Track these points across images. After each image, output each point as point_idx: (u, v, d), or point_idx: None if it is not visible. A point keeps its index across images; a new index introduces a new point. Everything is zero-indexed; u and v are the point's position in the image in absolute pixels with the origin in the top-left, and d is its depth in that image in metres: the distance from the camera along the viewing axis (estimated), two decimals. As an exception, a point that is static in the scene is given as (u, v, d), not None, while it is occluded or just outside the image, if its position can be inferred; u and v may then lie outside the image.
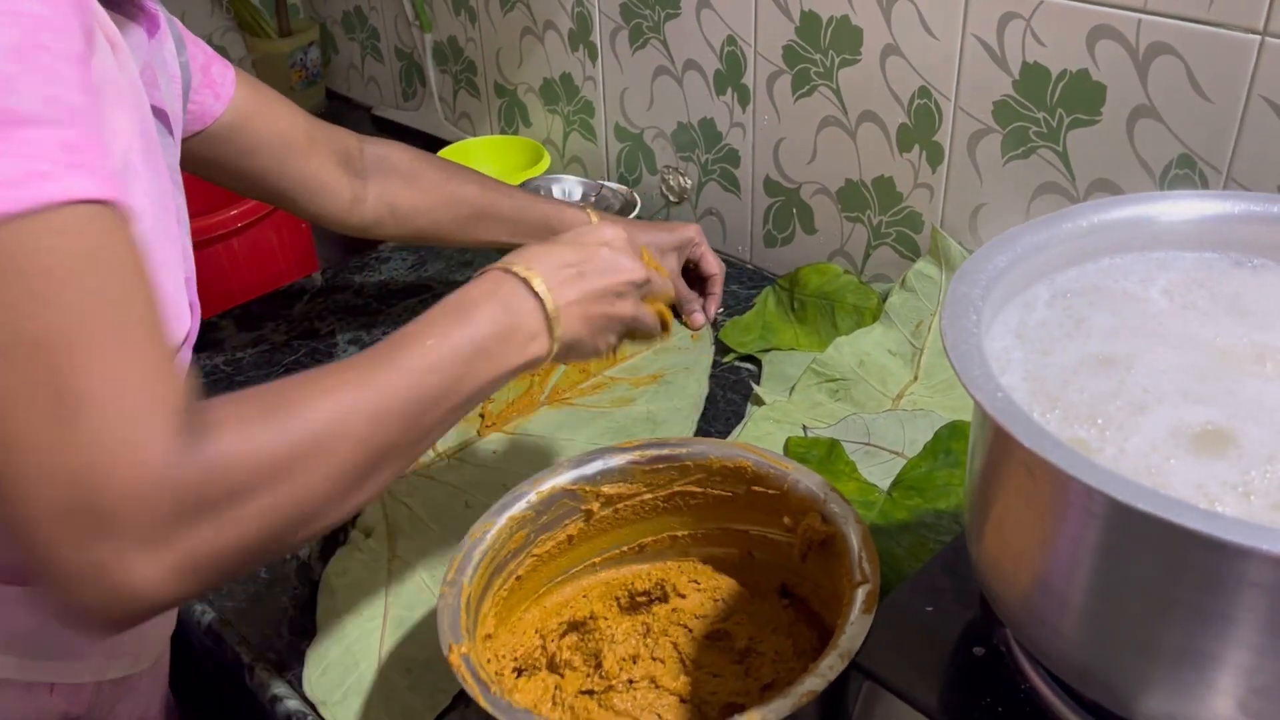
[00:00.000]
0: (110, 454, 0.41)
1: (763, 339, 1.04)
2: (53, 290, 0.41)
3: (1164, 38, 0.79)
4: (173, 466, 0.42)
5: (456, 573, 0.65)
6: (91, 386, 0.41)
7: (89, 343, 0.41)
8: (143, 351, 0.43)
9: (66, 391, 0.41)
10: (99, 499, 0.41)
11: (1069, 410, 0.49)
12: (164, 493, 0.42)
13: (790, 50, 1.04)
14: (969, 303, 0.51)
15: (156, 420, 0.42)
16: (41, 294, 0.41)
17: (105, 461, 0.41)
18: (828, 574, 0.69)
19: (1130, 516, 0.42)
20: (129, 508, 0.41)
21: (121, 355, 0.42)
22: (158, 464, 0.42)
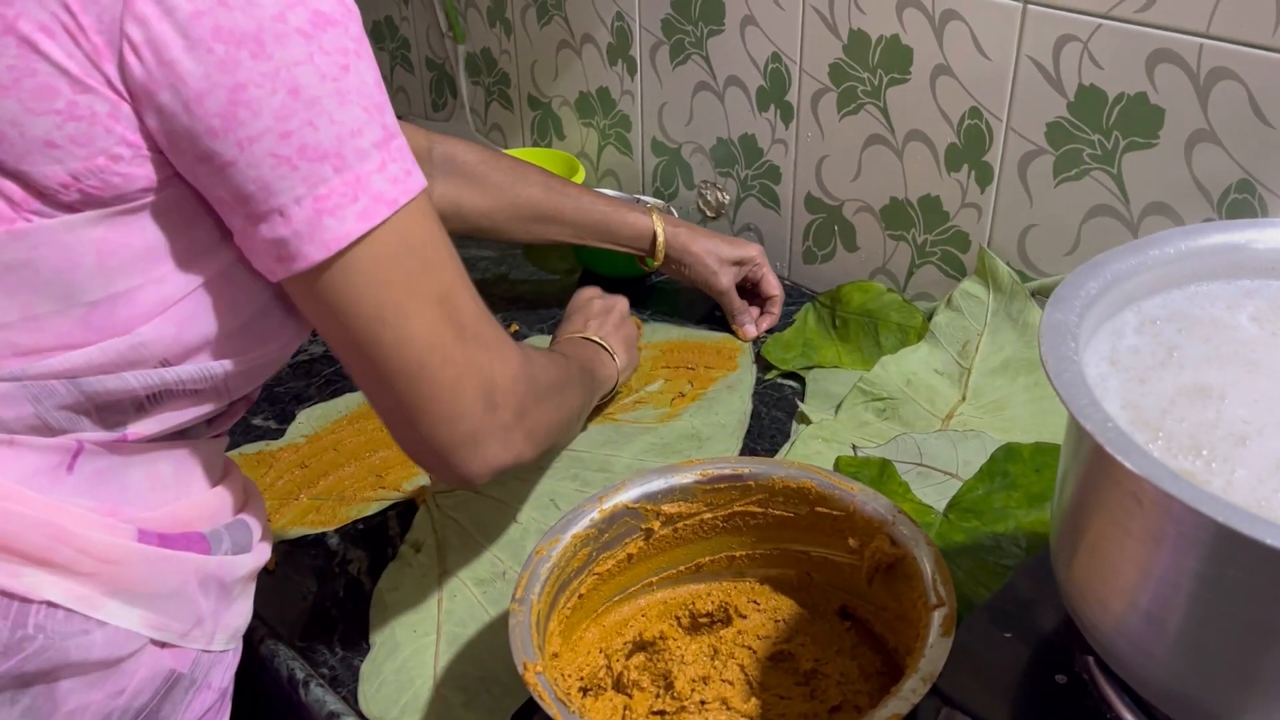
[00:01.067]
0: (496, 355, 0.61)
1: (804, 356, 1.04)
2: (437, 253, 0.57)
3: (1226, 62, 0.80)
4: (524, 364, 0.64)
5: (525, 590, 0.65)
6: (474, 316, 0.60)
7: (463, 287, 0.60)
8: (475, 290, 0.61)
9: (465, 324, 0.59)
10: (495, 387, 0.61)
11: (1171, 440, 0.49)
12: (522, 384, 0.63)
13: (837, 68, 1.04)
14: (1066, 329, 0.51)
15: (507, 337, 0.64)
16: (434, 258, 0.57)
17: (496, 360, 0.61)
18: (895, 596, 0.68)
19: (1241, 545, 0.42)
20: (509, 391, 0.62)
21: (474, 291, 0.61)
22: (518, 363, 0.63)
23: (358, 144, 0.53)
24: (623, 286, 1.17)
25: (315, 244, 0.53)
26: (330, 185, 0.52)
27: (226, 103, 0.50)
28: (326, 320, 0.57)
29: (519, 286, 1.19)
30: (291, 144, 0.51)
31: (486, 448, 0.61)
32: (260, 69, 0.50)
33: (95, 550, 0.55)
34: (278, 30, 0.50)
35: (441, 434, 0.60)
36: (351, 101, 0.53)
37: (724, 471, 0.73)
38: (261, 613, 0.79)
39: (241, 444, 0.96)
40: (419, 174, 0.56)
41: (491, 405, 0.61)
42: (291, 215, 0.53)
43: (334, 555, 0.85)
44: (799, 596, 0.75)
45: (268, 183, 0.52)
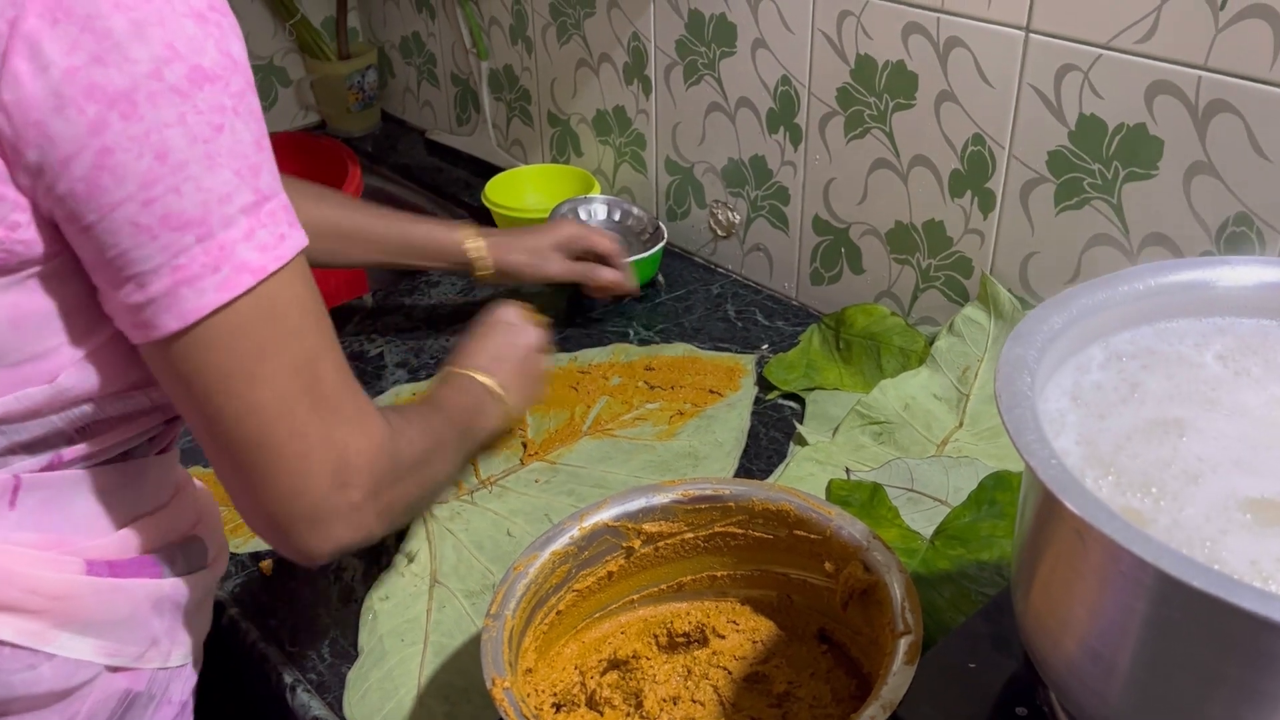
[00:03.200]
0: (354, 430, 0.58)
1: (807, 377, 1.04)
2: (303, 319, 0.55)
3: (1224, 95, 0.79)
4: (386, 440, 0.60)
5: (500, 605, 0.66)
6: (335, 387, 0.57)
7: (329, 354, 0.57)
8: (342, 355, 0.59)
9: (324, 395, 0.56)
10: (348, 465, 0.57)
11: (1122, 477, 0.49)
12: (381, 462, 0.60)
13: (844, 92, 1.05)
14: (1023, 364, 0.51)
15: (372, 408, 0.61)
16: (297, 325, 0.55)
17: (353, 435, 0.58)
18: (868, 622, 0.69)
19: (1182, 591, 0.42)
20: (364, 470, 0.58)
21: (342, 359, 0.58)
22: (379, 438, 0.60)
23: (225, 211, 0.51)
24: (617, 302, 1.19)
25: (171, 314, 0.51)
26: (191, 255, 0.50)
27: (92, 167, 0.48)
28: (175, 385, 0.54)
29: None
30: (154, 212, 0.49)
31: (329, 527, 0.57)
32: (129, 131, 0.48)
33: (44, 588, 0.56)
34: (151, 89, 0.48)
35: (281, 509, 0.56)
36: (222, 165, 0.50)
37: (705, 492, 0.74)
38: (255, 617, 0.81)
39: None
40: (296, 236, 0.54)
41: (341, 483, 0.57)
42: (148, 285, 0.51)
43: (329, 564, 0.86)
44: (779, 618, 0.76)
45: (125, 251, 0.50)
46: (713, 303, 1.19)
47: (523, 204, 1.33)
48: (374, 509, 0.60)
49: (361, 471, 0.58)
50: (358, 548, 0.62)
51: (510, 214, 1.28)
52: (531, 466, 0.96)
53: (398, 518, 0.64)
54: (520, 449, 0.98)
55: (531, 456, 0.97)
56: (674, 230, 1.30)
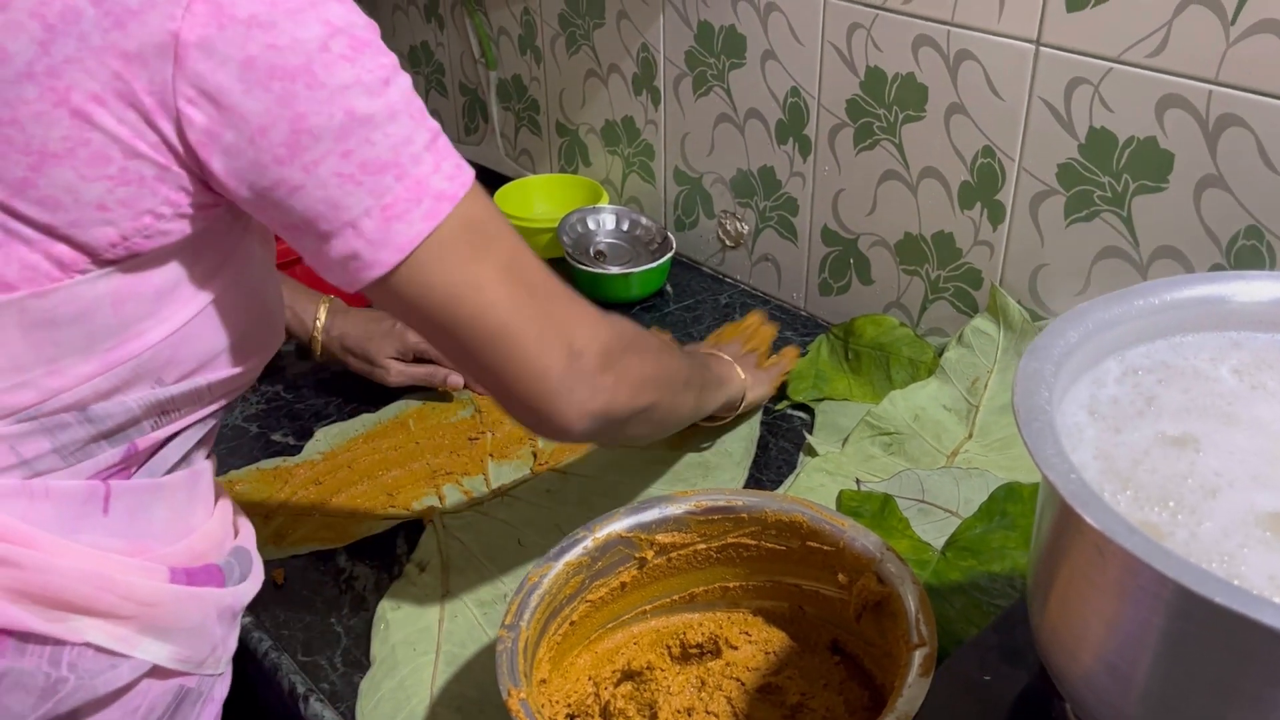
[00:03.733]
0: (572, 312, 0.65)
1: (816, 387, 1.04)
2: (497, 227, 0.61)
3: (1235, 109, 0.80)
4: (602, 321, 0.67)
5: (515, 616, 0.66)
6: (542, 277, 0.63)
7: (526, 253, 0.63)
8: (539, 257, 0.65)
9: (535, 284, 0.63)
10: (575, 336, 0.64)
11: (1140, 491, 0.49)
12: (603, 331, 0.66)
13: (854, 104, 1.05)
14: (1041, 379, 0.51)
15: (580, 297, 0.67)
16: (494, 233, 0.61)
17: (571, 317, 0.65)
18: (881, 634, 0.69)
19: (1201, 605, 0.42)
20: (591, 338, 0.65)
21: (537, 258, 0.64)
22: (597, 315, 0.67)
23: (411, 150, 0.56)
24: (626, 312, 1.19)
25: (389, 249, 0.56)
26: (394, 193, 0.56)
27: (289, 132, 0.53)
28: (408, 311, 0.60)
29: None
30: (353, 161, 0.55)
31: (576, 394, 0.64)
32: (316, 97, 0.53)
33: (136, 594, 0.59)
34: (324, 60, 0.53)
35: (534, 390, 0.63)
36: (400, 112, 0.56)
37: (717, 503, 0.74)
38: (268, 626, 0.82)
39: (260, 459, 0.99)
40: (466, 165, 0.60)
41: (574, 354, 0.64)
42: (363, 227, 0.56)
43: (341, 572, 0.87)
44: (791, 629, 0.76)
45: (336, 200, 0.55)
46: (721, 313, 1.20)
47: (531, 214, 1.34)
48: (611, 375, 0.66)
49: (590, 340, 0.65)
50: (610, 417, 0.68)
51: (520, 223, 1.28)
52: (542, 476, 0.96)
53: (637, 388, 0.69)
54: (531, 458, 0.98)
55: (542, 466, 0.97)
56: (682, 240, 1.30)
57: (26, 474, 0.58)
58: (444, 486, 0.95)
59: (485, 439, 1.01)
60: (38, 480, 0.58)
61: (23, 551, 0.56)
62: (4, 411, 0.56)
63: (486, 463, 0.98)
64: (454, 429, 1.02)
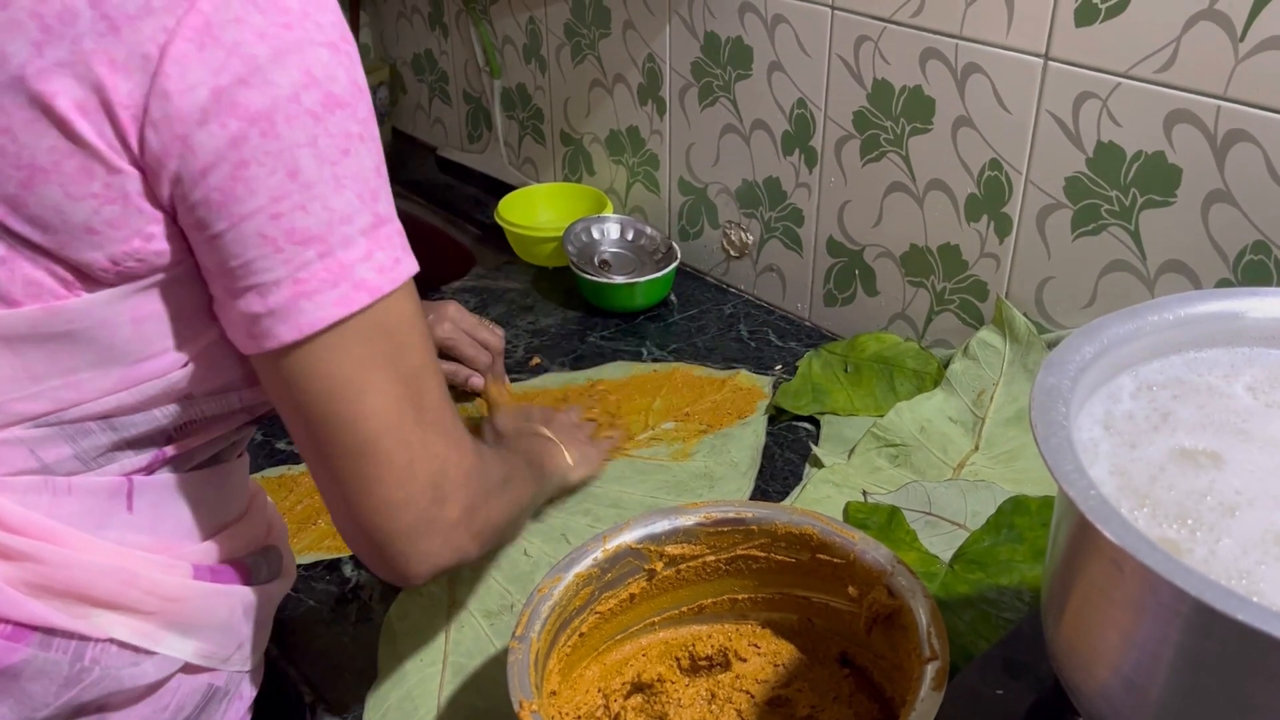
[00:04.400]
0: (453, 446, 0.60)
1: (816, 401, 1.04)
2: (411, 336, 0.57)
3: (1243, 125, 0.80)
4: (476, 466, 0.63)
5: (525, 628, 0.66)
6: (436, 402, 0.59)
7: (431, 372, 0.59)
8: (443, 378, 0.61)
9: (427, 408, 0.58)
10: (446, 478, 0.59)
11: (1157, 508, 0.49)
12: (474, 479, 0.62)
13: (861, 116, 1.05)
14: (1058, 394, 0.51)
15: (465, 433, 0.62)
16: (407, 342, 0.57)
17: (451, 451, 0.60)
18: (892, 647, 0.69)
19: (1222, 623, 0.42)
20: (461, 486, 0.61)
21: (442, 379, 0.61)
22: (473, 456, 0.62)
23: (345, 230, 0.53)
24: (630, 321, 1.19)
25: (288, 325, 0.53)
26: (312, 270, 0.53)
27: (228, 178, 0.51)
28: (284, 394, 0.56)
29: (542, 321, 1.21)
30: (281, 225, 0.52)
31: (429, 542, 0.59)
32: (266, 148, 0.51)
33: (160, 590, 0.59)
34: (289, 111, 0.51)
35: (383, 521, 0.58)
36: (346, 187, 0.53)
37: (727, 515, 0.74)
38: (275, 636, 0.81)
39: (265, 468, 0.99)
40: (408, 260, 0.57)
41: (440, 498, 0.59)
42: (269, 295, 0.53)
43: (347, 581, 0.86)
44: (800, 641, 0.76)
45: (251, 260, 0.53)
46: (725, 323, 1.20)
47: (535, 222, 1.34)
48: (469, 528, 0.62)
49: (459, 487, 0.60)
50: (450, 570, 0.63)
51: (524, 232, 1.28)
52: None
53: (488, 540, 0.65)
54: (536, 468, 0.98)
55: (548, 476, 0.97)
56: (687, 250, 1.30)
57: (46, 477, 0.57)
58: (450, 496, 0.95)
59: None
60: (61, 477, 0.57)
61: (47, 547, 0.56)
62: (20, 418, 0.56)
63: (492, 472, 0.98)
64: (459, 438, 1.02)
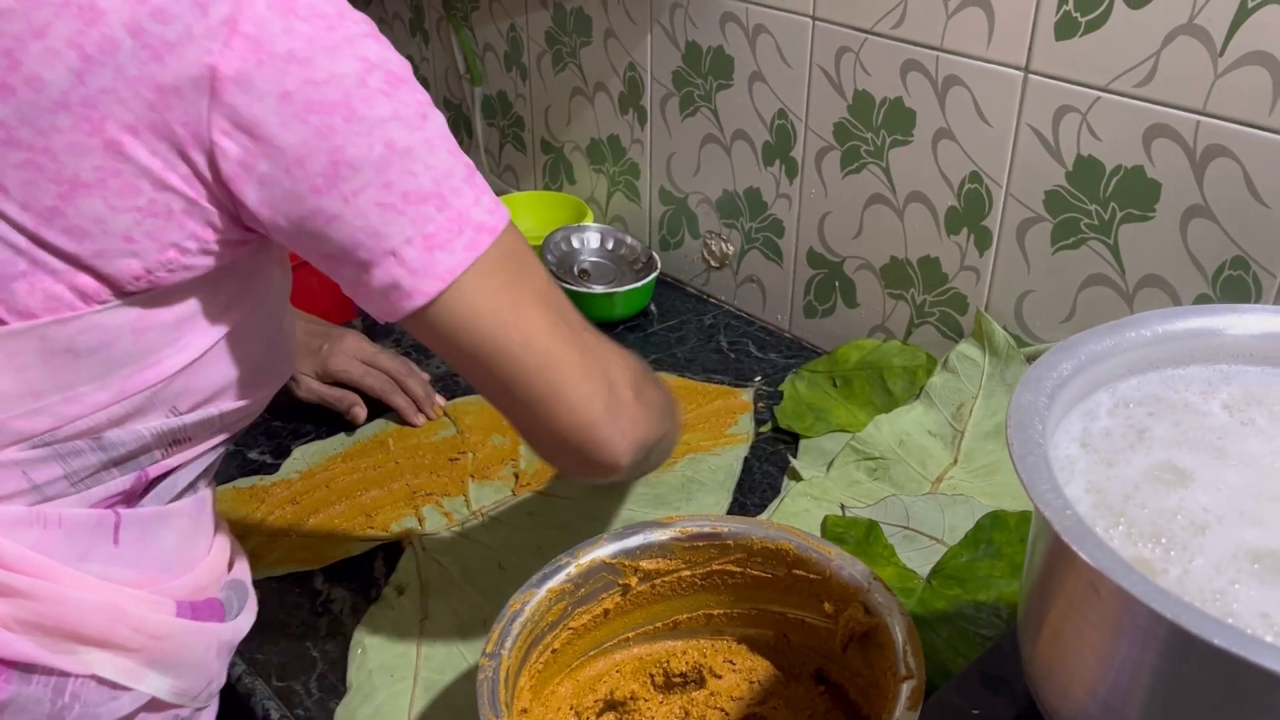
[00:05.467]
0: (601, 343, 0.66)
1: (821, 421, 1.01)
2: (533, 261, 0.62)
3: (1222, 140, 0.80)
4: (620, 350, 0.68)
5: (496, 645, 0.65)
6: (577, 316, 0.64)
7: (555, 285, 0.63)
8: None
9: (567, 312, 0.63)
10: (611, 364, 0.65)
11: (1132, 526, 0.49)
12: (630, 361, 0.68)
13: (841, 127, 1.05)
14: (1034, 411, 0.51)
15: (607, 337, 0.67)
16: (531, 265, 0.61)
17: (601, 347, 0.65)
18: (868, 664, 0.68)
19: (1195, 644, 0.41)
20: (623, 368, 0.66)
21: (565, 295, 0.64)
22: (618, 348, 0.68)
23: (452, 183, 0.57)
24: (610, 331, 1.18)
25: (430, 278, 0.56)
26: (436, 223, 0.56)
27: (327, 163, 0.53)
28: (450, 344, 0.60)
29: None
30: (395, 191, 0.55)
31: (618, 423, 0.64)
32: (354, 130, 0.53)
33: (147, 628, 0.59)
34: (362, 94, 0.53)
35: (581, 420, 0.62)
36: (438, 146, 0.56)
37: (703, 530, 0.73)
38: (242, 650, 0.80)
39: (236, 478, 0.97)
40: (501, 202, 0.60)
41: (612, 384, 0.64)
42: (405, 256, 0.56)
43: (318, 595, 0.85)
44: (775, 658, 0.75)
45: (377, 229, 0.55)
46: (705, 333, 1.19)
47: (515, 231, 1.33)
48: (642, 405, 0.67)
49: (622, 370, 0.66)
50: (643, 449, 0.68)
51: (503, 241, 1.27)
52: (523, 497, 0.95)
53: (656, 418, 0.69)
54: (512, 479, 0.97)
55: (523, 487, 0.96)
56: (667, 260, 1.30)
57: (36, 499, 0.57)
58: (423, 508, 0.93)
59: (466, 459, 0.99)
60: (50, 507, 0.57)
61: (37, 583, 0.56)
62: (18, 437, 0.56)
63: (467, 483, 0.96)
64: (434, 449, 1.01)
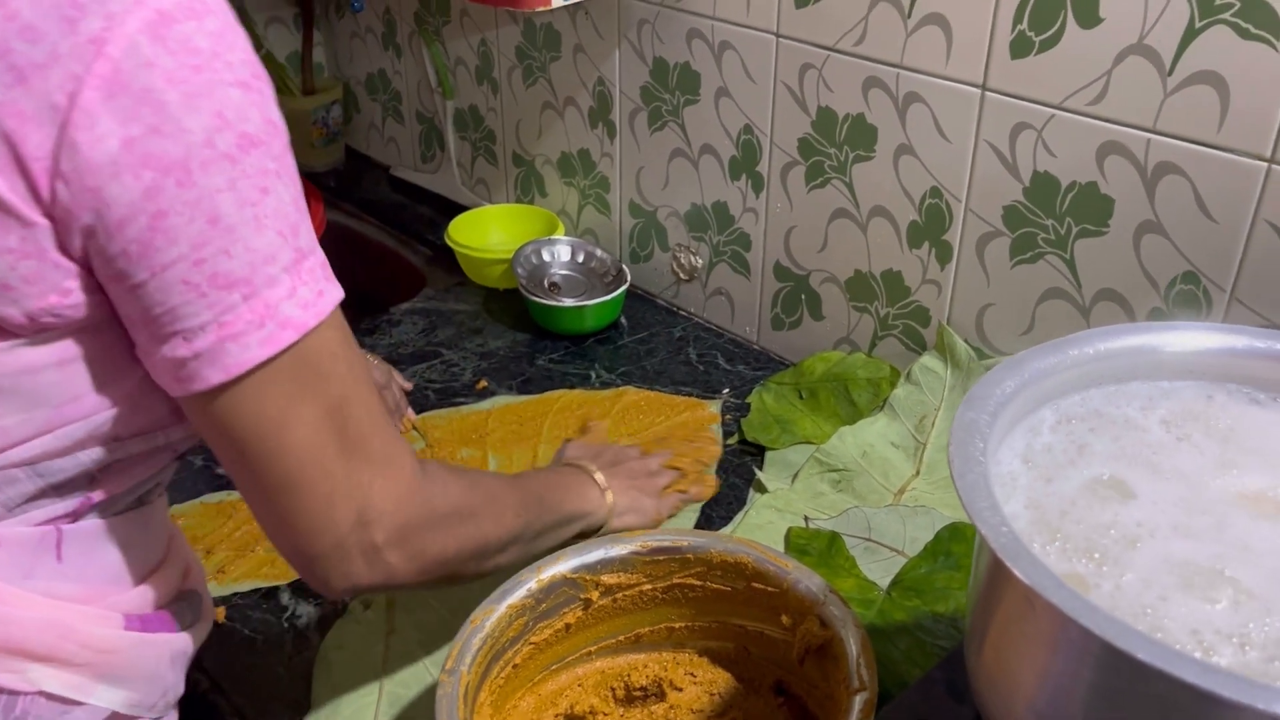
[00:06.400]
0: (383, 473, 0.60)
1: (787, 433, 1.02)
2: (334, 365, 0.57)
3: (1172, 158, 0.81)
4: (417, 486, 0.62)
5: (455, 661, 0.65)
6: (364, 430, 0.59)
7: (361, 398, 0.59)
8: (378, 398, 0.61)
9: (352, 436, 0.58)
10: (374, 503, 0.60)
11: (1068, 542, 0.50)
12: (411, 503, 0.62)
13: (806, 143, 1.06)
14: (976, 429, 0.52)
15: (405, 453, 0.62)
16: (332, 372, 0.57)
17: (380, 478, 0.60)
18: (825, 677, 0.69)
19: (1127, 661, 0.42)
20: (388, 513, 0.60)
21: (376, 403, 0.60)
22: (409, 482, 0.62)
23: (269, 271, 0.53)
24: (579, 344, 1.19)
25: (215, 368, 0.53)
26: (237, 312, 0.53)
27: (146, 229, 0.50)
28: (211, 431, 0.57)
29: (491, 343, 1.21)
30: (204, 271, 0.51)
31: (349, 564, 0.60)
32: (183, 197, 0.50)
33: (94, 643, 0.59)
34: (204, 157, 0.50)
35: (306, 545, 0.59)
36: (267, 227, 0.53)
37: (663, 543, 0.74)
38: (207, 666, 0.80)
39: (204, 493, 0.98)
40: (332, 290, 0.57)
41: (364, 523, 0.59)
42: (195, 340, 0.53)
43: (284, 609, 0.85)
44: (736, 670, 0.76)
45: (174, 308, 0.52)
46: (674, 345, 1.20)
47: (486, 244, 1.34)
48: (400, 553, 0.62)
49: (386, 514, 0.60)
50: (384, 589, 0.65)
51: (474, 254, 1.28)
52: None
53: (430, 568, 0.64)
54: (480, 494, 0.97)
55: (491, 501, 0.96)
56: (637, 273, 1.31)
57: None
58: (391, 522, 0.94)
59: (434, 473, 1.00)
60: None
61: None
62: None
63: (435, 498, 0.97)
64: (403, 463, 1.01)
